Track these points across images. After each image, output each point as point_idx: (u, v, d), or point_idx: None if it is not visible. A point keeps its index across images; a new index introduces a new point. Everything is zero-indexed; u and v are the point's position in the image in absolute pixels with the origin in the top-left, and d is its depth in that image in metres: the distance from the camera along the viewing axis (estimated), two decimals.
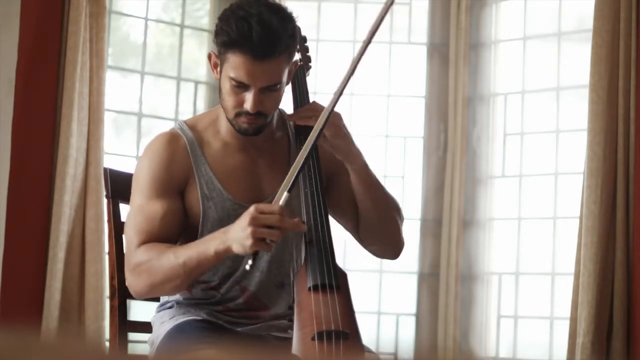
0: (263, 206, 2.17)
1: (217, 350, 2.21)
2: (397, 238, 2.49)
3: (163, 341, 2.39)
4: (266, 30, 2.23)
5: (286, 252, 2.43)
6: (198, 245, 2.25)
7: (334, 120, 2.32)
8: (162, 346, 2.38)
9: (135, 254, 2.32)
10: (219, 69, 2.34)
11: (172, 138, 2.40)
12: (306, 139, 2.26)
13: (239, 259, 2.38)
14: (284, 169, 2.38)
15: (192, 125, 2.44)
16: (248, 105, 2.28)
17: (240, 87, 2.28)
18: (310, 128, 2.27)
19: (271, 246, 2.18)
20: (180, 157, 2.37)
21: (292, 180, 2.17)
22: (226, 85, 2.31)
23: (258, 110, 2.29)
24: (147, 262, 2.29)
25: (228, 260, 2.39)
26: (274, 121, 2.45)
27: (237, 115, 2.32)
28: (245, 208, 2.25)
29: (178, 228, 2.36)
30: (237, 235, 2.16)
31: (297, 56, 2.47)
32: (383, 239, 2.48)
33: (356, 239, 2.52)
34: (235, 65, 2.26)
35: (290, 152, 2.47)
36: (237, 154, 2.42)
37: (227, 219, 2.33)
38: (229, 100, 2.31)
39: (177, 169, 2.37)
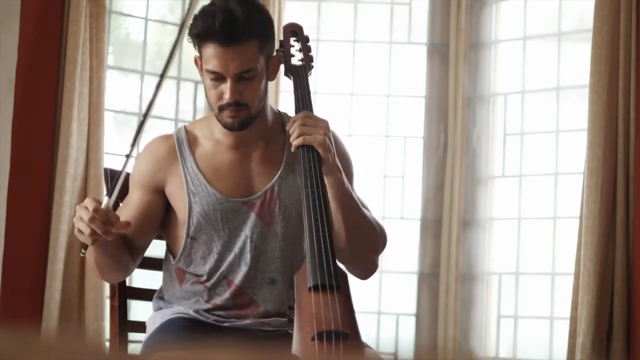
0: (87, 202, 2.23)
1: (191, 350, 2.25)
2: (367, 263, 2.50)
3: (147, 340, 2.43)
4: (229, 17, 2.31)
5: (274, 247, 2.44)
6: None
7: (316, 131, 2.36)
8: (145, 346, 2.42)
9: None
10: None
11: (160, 139, 2.52)
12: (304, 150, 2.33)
13: (223, 252, 2.43)
14: (275, 167, 2.47)
15: (190, 128, 2.53)
16: (226, 95, 2.35)
17: (217, 79, 2.35)
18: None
19: (90, 239, 2.23)
20: (162, 155, 2.47)
21: (113, 186, 2.25)
22: (206, 82, 2.39)
23: (237, 100, 2.35)
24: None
25: (214, 254, 2.43)
26: (269, 119, 2.48)
27: (220, 109, 2.39)
28: (231, 203, 2.40)
29: (149, 221, 2.45)
30: None
31: (297, 45, 2.53)
32: (352, 260, 2.48)
33: None
34: (207, 57, 2.35)
35: (285, 153, 2.48)
36: (228, 152, 2.47)
37: (213, 213, 2.42)
38: (211, 95, 2.39)
39: (155, 166, 2.47)
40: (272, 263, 2.45)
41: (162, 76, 2.20)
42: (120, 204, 2.53)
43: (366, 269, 2.51)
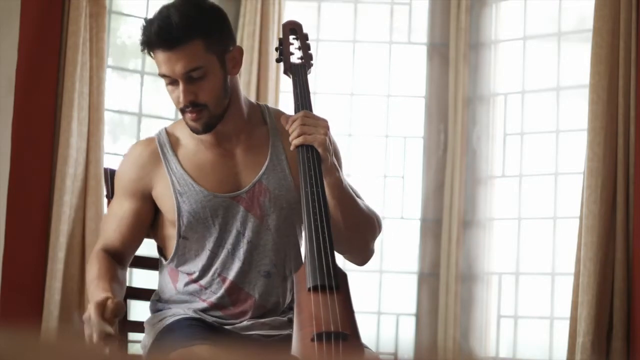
0: (89, 308, 2.19)
1: (208, 346, 2.25)
2: (364, 252, 2.55)
3: (156, 340, 2.41)
4: (164, 23, 2.34)
5: (267, 240, 2.44)
6: (94, 291, 2.32)
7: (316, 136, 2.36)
8: (154, 346, 2.40)
9: (92, 254, 2.47)
10: None
11: (141, 144, 2.52)
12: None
13: (215, 249, 2.43)
14: (261, 160, 2.47)
15: (170, 130, 2.53)
16: (180, 97, 2.37)
17: (171, 83, 2.38)
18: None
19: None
20: (144, 160, 2.48)
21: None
22: (166, 88, 2.42)
23: (191, 101, 2.37)
24: (87, 271, 2.44)
25: (206, 251, 2.43)
26: (244, 112, 2.49)
27: (182, 112, 2.41)
28: (219, 198, 2.41)
29: (138, 228, 2.47)
30: None
31: (297, 44, 2.53)
32: (351, 251, 2.53)
33: None
34: (157, 63, 2.38)
35: (270, 144, 2.49)
36: (211, 150, 2.48)
37: (202, 210, 2.42)
38: (172, 101, 2.42)
39: (139, 172, 2.47)
40: (267, 256, 2.45)
41: None
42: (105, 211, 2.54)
43: (365, 257, 2.55)
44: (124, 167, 2.50)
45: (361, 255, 2.54)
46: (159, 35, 2.33)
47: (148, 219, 2.47)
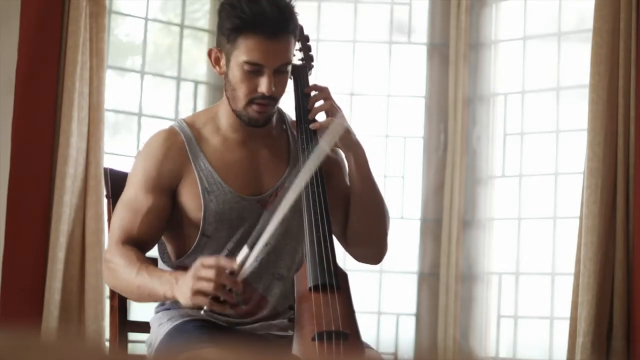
0: (206, 260, 2.17)
1: (217, 349, 2.23)
2: (383, 241, 2.52)
3: (162, 342, 2.39)
4: (277, 8, 2.29)
5: (285, 244, 2.44)
6: (155, 278, 2.27)
7: (337, 126, 2.39)
8: (161, 347, 2.39)
9: (112, 249, 2.38)
10: (222, 62, 2.37)
11: (168, 135, 2.43)
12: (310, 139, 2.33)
13: (234, 250, 2.40)
14: (283, 164, 2.46)
15: (190, 122, 2.46)
16: (264, 87, 2.32)
17: (253, 71, 2.31)
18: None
19: (210, 302, 2.17)
20: (174, 153, 2.41)
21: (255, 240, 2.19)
22: (237, 74, 2.34)
23: (271, 94, 2.33)
24: (116, 264, 2.35)
25: (225, 251, 2.41)
26: (274, 117, 2.47)
27: (249, 102, 2.35)
28: (247, 201, 2.36)
29: (161, 224, 2.40)
30: (182, 289, 2.19)
31: (298, 45, 2.52)
32: (370, 239, 2.50)
33: (341, 241, 2.53)
34: (248, 47, 2.30)
35: (289, 147, 2.48)
36: (237, 149, 2.44)
37: (229, 211, 2.38)
38: (241, 88, 2.34)
39: (170, 166, 2.40)
40: (282, 260, 2.44)
41: None
42: (120, 198, 2.45)
43: (381, 249, 2.52)
44: (152, 158, 2.40)
45: (378, 246, 2.51)
46: (273, 20, 2.28)
47: (168, 215, 2.40)
